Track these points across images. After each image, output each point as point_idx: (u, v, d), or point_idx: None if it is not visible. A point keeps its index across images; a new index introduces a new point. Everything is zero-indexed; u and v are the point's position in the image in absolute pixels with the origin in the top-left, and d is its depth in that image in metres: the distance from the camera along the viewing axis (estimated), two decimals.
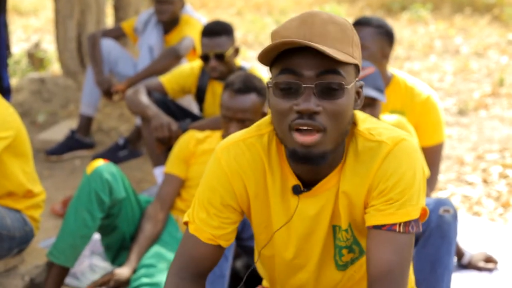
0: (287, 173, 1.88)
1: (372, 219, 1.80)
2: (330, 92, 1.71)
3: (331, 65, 1.70)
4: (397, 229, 1.77)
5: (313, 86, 1.70)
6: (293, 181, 1.87)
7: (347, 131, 1.80)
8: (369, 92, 2.86)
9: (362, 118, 1.88)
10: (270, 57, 1.75)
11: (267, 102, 1.83)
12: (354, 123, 1.86)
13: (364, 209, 1.85)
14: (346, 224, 1.89)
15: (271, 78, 1.78)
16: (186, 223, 1.97)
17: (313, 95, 1.70)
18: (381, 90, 2.92)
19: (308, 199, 1.88)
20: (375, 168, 1.80)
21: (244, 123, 3.06)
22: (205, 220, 1.91)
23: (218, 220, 1.91)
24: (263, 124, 1.92)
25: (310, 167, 1.81)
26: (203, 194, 1.92)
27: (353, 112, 1.82)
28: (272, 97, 1.76)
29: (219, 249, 1.94)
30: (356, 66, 1.79)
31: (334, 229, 1.91)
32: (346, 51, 1.73)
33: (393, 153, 1.80)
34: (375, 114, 2.90)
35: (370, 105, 2.89)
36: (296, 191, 1.87)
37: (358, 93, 1.84)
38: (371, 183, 1.82)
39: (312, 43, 1.66)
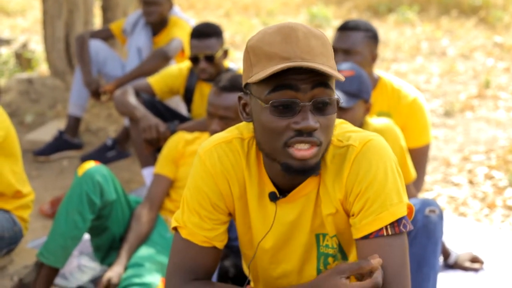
0: (264, 179, 1.90)
1: (358, 231, 1.80)
2: (324, 107, 1.73)
3: (323, 79, 1.72)
4: (385, 233, 1.77)
5: (310, 103, 1.71)
6: (270, 187, 1.89)
7: None
8: None
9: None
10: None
11: (251, 115, 1.82)
12: None
13: (346, 215, 1.86)
14: (333, 231, 1.90)
15: (254, 95, 1.77)
16: (175, 229, 1.96)
17: (309, 112, 1.71)
18: (351, 94, 2.85)
19: (285, 205, 1.90)
20: (346, 173, 1.82)
21: (225, 120, 3.08)
22: (198, 223, 1.91)
23: (211, 222, 1.92)
24: (245, 130, 1.93)
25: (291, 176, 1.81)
26: (192, 198, 1.93)
27: None
28: (264, 116, 1.74)
29: (216, 250, 1.95)
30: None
31: (317, 237, 1.92)
32: (331, 64, 1.75)
33: (362, 153, 1.81)
34: (344, 118, 2.80)
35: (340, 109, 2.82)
36: (273, 198, 1.89)
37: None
38: (345, 188, 1.82)
39: (315, 65, 1.67)
